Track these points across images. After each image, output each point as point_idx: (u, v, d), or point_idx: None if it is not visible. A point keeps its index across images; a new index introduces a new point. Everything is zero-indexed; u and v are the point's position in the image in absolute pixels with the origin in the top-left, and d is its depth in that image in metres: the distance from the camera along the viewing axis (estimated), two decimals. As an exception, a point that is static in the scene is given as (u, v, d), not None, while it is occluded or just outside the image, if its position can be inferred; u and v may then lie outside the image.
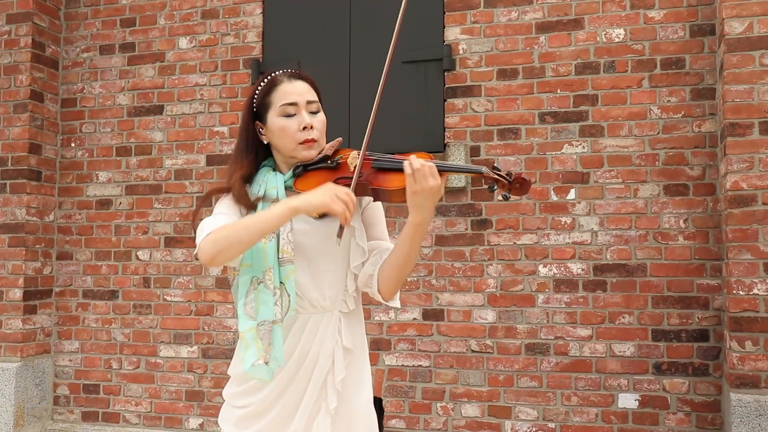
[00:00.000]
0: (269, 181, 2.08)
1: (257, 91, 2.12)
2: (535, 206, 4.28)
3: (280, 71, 2.12)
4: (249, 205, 2.06)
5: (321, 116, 2.12)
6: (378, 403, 4.51)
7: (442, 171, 1.88)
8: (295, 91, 2.08)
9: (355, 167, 1.98)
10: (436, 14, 4.53)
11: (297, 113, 2.06)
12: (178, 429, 4.82)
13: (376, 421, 2.18)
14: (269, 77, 2.12)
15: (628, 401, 4.07)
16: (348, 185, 1.97)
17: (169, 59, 5.03)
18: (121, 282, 5.03)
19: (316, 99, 2.12)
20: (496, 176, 1.85)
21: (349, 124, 4.57)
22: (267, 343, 1.96)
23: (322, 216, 2.04)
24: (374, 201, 2.09)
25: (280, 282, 1.99)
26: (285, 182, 2.07)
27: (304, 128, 2.05)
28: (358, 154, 2.01)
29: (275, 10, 4.87)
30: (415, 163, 1.87)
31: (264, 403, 2.04)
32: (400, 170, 1.92)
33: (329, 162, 2.07)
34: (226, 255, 1.92)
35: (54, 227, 5.19)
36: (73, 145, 5.20)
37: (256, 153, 2.14)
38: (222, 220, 1.99)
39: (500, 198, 1.85)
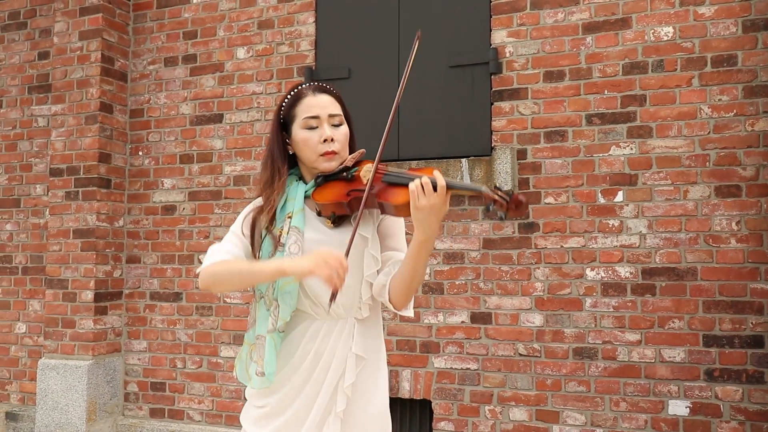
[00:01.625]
0: (290, 192, 2.18)
1: (284, 104, 2.20)
2: (583, 209, 4.23)
3: (306, 85, 2.20)
4: (270, 215, 2.16)
5: (344, 129, 2.18)
6: (426, 405, 4.55)
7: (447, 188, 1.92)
8: (318, 104, 2.15)
9: (368, 180, 2.05)
10: (483, 18, 4.54)
11: (319, 126, 2.14)
12: (237, 427, 4.98)
13: (389, 426, 2.23)
14: (295, 90, 2.20)
15: (678, 408, 3.98)
16: (359, 198, 2.05)
17: (228, 69, 5.21)
18: (184, 284, 5.24)
19: (339, 112, 2.18)
20: (495, 197, 1.87)
21: (398, 128, 4.62)
22: (259, 356, 2.09)
23: (336, 223, 2.12)
24: (381, 214, 2.13)
25: (276, 297, 2.09)
26: (306, 192, 2.16)
27: (325, 140, 2.12)
28: (372, 166, 2.07)
29: (327, 18, 4.98)
30: (418, 181, 1.92)
31: (280, 404, 2.14)
32: (407, 186, 1.96)
33: (345, 174, 2.14)
34: (219, 288, 2.18)
35: (123, 232, 5.45)
36: (140, 153, 5.46)
37: (283, 161, 2.22)
38: (228, 249, 2.15)
39: (499, 217, 1.89)
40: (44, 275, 5.54)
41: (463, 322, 4.45)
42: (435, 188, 1.90)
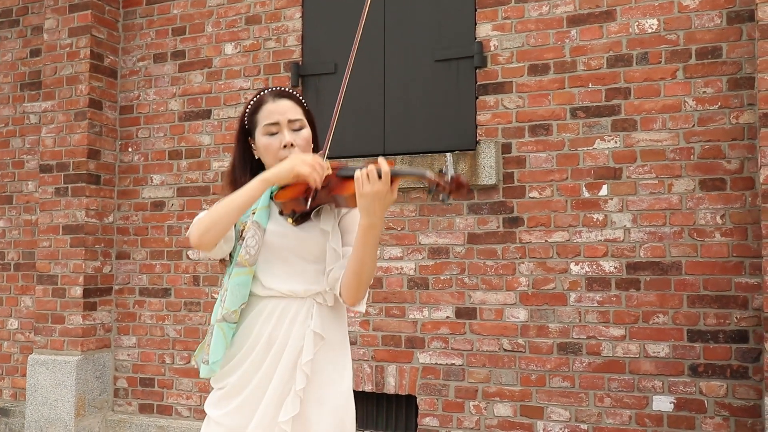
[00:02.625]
0: None
1: (247, 110, 2.27)
2: (567, 203, 4.20)
3: (268, 90, 2.27)
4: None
5: (304, 133, 2.23)
6: (412, 400, 4.53)
7: (392, 176, 1.95)
8: (277, 110, 2.20)
9: (324, 176, 2.09)
10: (468, 11, 4.51)
11: (279, 132, 2.19)
12: (225, 422, 4.97)
13: (352, 415, 2.22)
14: (257, 97, 2.26)
15: (662, 404, 3.94)
16: (314, 193, 2.08)
17: (216, 65, 5.21)
18: (173, 280, 5.24)
19: (300, 116, 2.23)
20: (438, 180, 1.90)
21: (384, 123, 4.61)
22: (207, 344, 2.14)
23: (298, 222, 2.13)
24: (335, 207, 2.17)
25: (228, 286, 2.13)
26: (271, 193, 2.19)
27: (285, 146, 2.18)
28: (330, 166, 2.12)
29: (314, 14, 4.97)
30: (364, 169, 1.96)
31: (239, 384, 2.16)
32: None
33: None
34: (210, 234, 2.06)
35: (113, 228, 5.46)
36: (130, 149, 5.46)
37: (249, 166, 2.28)
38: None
39: (441, 200, 1.91)
40: (35, 271, 5.55)
41: (447, 317, 4.42)
42: (380, 176, 1.93)
